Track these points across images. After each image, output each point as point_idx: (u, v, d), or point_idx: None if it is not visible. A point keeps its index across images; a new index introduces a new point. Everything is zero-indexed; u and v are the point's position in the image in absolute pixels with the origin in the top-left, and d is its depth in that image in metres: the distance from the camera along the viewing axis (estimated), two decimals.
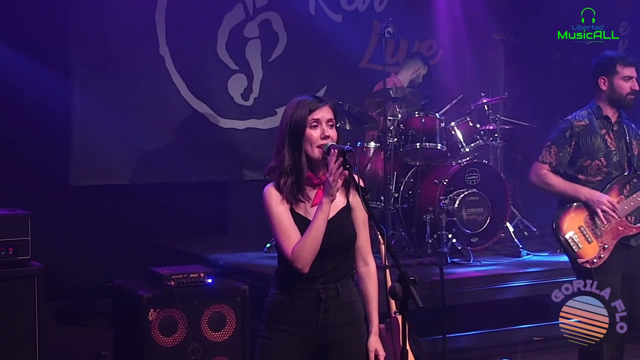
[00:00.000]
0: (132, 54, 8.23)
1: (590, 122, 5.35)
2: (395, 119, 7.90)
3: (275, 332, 3.73)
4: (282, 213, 3.69)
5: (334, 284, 3.74)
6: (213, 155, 8.70)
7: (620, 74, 5.34)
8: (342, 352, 3.77)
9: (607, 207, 5.21)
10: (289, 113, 3.72)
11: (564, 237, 5.28)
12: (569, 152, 5.33)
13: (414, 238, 7.81)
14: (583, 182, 5.32)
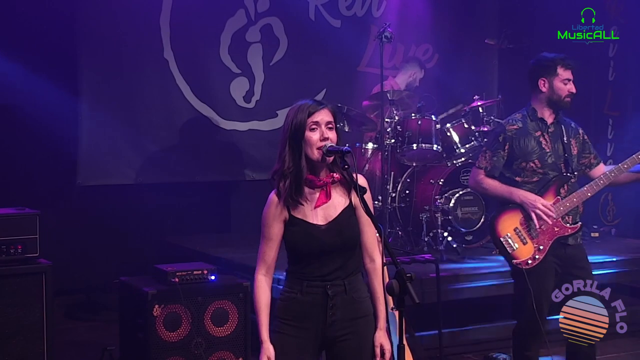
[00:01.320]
0: (138, 57, 8.24)
1: (524, 125, 5.27)
2: (392, 121, 7.90)
3: (286, 327, 3.75)
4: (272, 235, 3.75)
5: (342, 280, 3.75)
6: (216, 156, 8.71)
7: (561, 76, 5.26)
8: (349, 346, 3.77)
9: (541, 210, 5.13)
10: (290, 117, 3.72)
11: (499, 238, 5.23)
12: (502, 156, 5.27)
13: (411, 236, 7.81)
14: (520, 183, 5.25)
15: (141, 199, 8.08)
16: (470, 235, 7.70)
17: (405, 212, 7.88)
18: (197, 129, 8.61)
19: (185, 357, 5.60)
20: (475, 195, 7.67)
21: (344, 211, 3.76)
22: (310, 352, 3.77)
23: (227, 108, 8.72)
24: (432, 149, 7.85)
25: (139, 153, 8.34)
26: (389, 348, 3.81)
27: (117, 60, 8.13)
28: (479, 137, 8.13)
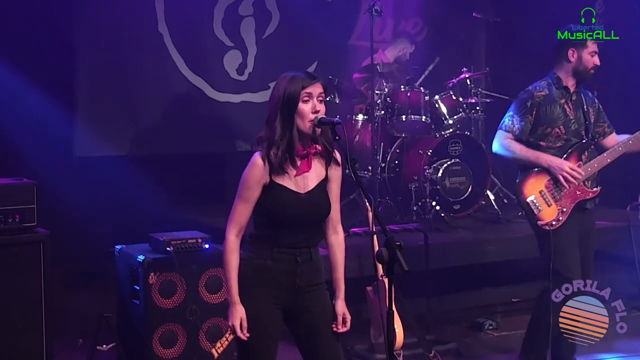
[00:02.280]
0: (133, 31, 8.22)
1: (550, 92, 5.34)
2: (382, 93, 7.89)
3: (256, 293, 3.74)
4: (250, 198, 3.71)
5: (308, 249, 3.77)
6: (209, 127, 8.70)
7: (589, 48, 5.32)
8: (308, 314, 3.78)
9: (568, 172, 5.21)
10: (282, 87, 3.70)
11: (525, 200, 5.27)
12: (530, 120, 5.30)
13: (400, 205, 7.83)
14: (544, 148, 5.31)
15: (137, 170, 8.04)
16: (458, 205, 7.72)
17: (395, 182, 7.89)
18: (191, 101, 8.61)
19: (180, 323, 5.63)
20: (463, 165, 7.68)
21: (321, 183, 3.78)
22: (278, 317, 3.78)
23: (221, 80, 8.70)
24: (421, 121, 7.86)
25: (134, 125, 8.34)
26: (349, 316, 3.86)
27: (113, 34, 8.10)
28: (467, 108, 8.15)
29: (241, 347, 3.78)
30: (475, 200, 7.85)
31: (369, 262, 5.16)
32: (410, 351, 5.87)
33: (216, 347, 5.70)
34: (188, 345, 5.66)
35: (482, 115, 8.46)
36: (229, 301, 3.74)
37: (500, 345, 6.43)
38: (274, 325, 3.78)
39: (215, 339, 5.71)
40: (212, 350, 5.68)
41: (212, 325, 5.71)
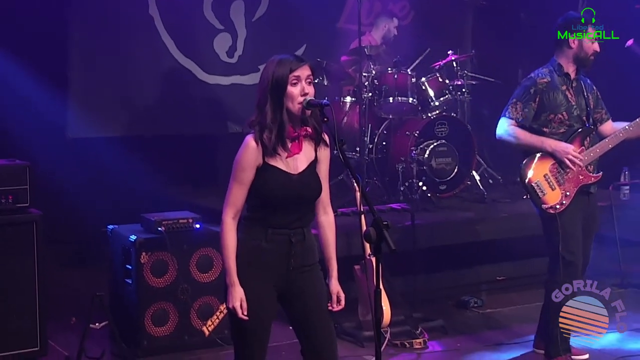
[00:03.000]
0: (124, 14, 8.16)
1: (552, 79, 5.31)
2: (369, 75, 7.87)
3: (251, 274, 3.72)
4: (245, 180, 3.69)
5: (302, 229, 3.76)
6: (200, 109, 8.68)
7: (590, 35, 5.29)
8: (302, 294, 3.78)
9: (573, 156, 5.21)
10: (271, 70, 3.68)
11: (530, 184, 5.27)
12: (533, 107, 5.28)
13: (387, 186, 7.83)
14: (548, 134, 5.29)
15: (129, 151, 8.02)
16: (444, 185, 7.72)
17: (382, 162, 7.89)
18: (182, 83, 8.57)
19: (171, 302, 5.64)
20: (449, 146, 7.69)
21: (311, 164, 3.77)
22: (272, 298, 3.77)
23: (211, 63, 8.67)
24: (408, 102, 7.85)
25: (126, 107, 8.30)
26: (343, 295, 3.86)
27: (104, 16, 8.04)
28: (453, 90, 8.14)
29: (235, 327, 3.77)
30: (461, 181, 7.86)
31: (357, 241, 5.16)
32: (397, 328, 5.90)
33: (207, 325, 5.74)
34: (179, 324, 5.67)
35: (468, 97, 8.46)
36: (228, 282, 3.71)
37: (485, 323, 6.46)
38: (268, 306, 3.77)
39: (206, 317, 5.74)
40: (203, 328, 5.73)
41: (203, 304, 5.72)
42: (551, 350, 5.32)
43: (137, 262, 5.53)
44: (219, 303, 5.74)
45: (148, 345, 5.59)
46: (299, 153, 3.74)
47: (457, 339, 6.04)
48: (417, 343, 5.83)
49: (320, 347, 3.79)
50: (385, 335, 5.66)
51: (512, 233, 7.27)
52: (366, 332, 5.77)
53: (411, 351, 5.76)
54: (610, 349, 5.78)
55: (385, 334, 5.68)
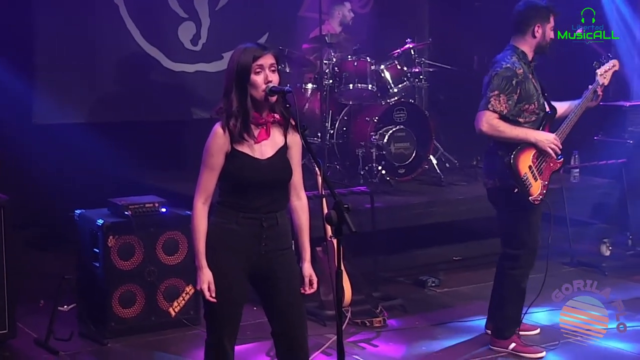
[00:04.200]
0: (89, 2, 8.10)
1: (523, 69, 5.12)
2: (330, 63, 7.87)
3: (222, 256, 3.72)
4: (215, 165, 3.69)
5: (274, 213, 3.75)
6: (166, 95, 8.62)
7: (551, 24, 5.20)
8: (274, 277, 3.78)
9: (555, 144, 5.11)
10: (236, 59, 3.67)
11: (521, 177, 5.06)
12: (514, 100, 5.06)
13: (348, 170, 7.84)
14: (523, 124, 5.12)
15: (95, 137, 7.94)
16: (402, 169, 7.75)
17: (343, 147, 7.89)
18: (147, 70, 8.52)
19: (138, 284, 5.62)
20: (408, 131, 7.71)
21: (280, 149, 3.76)
22: (244, 280, 3.77)
23: (176, 51, 8.61)
24: (367, 89, 7.86)
25: (92, 93, 8.23)
26: (316, 278, 3.87)
27: (70, 4, 7.97)
28: (411, 77, 8.16)
29: (208, 309, 3.77)
30: (419, 165, 7.89)
31: (319, 224, 5.13)
32: (358, 307, 5.92)
33: (173, 306, 5.73)
34: (146, 305, 5.65)
35: (425, 83, 8.49)
36: (197, 266, 3.71)
37: (442, 301, 6.50)
38: (239, 288, 3.77)
39: (172, 298, 5.72)
40: (169, 309, 5.71)
41: (169, 286, 5.71)
42: (505, 332, 5.34)
43: (105, 246, 5.50)
44: (185, 285, 5.73)
45: (116, 326, 5.56)
46: (267, 139, 3.73)
47: (416, 317, 6.08)
48: (377, 321, 5.85)
49: (290, 329, 3.80)
50: (346, 314, 5.68)
51: (467, 215, 7.33)
52: (328, 311, 5.79)
53: (371, 329, 5.79)
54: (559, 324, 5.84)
55: (347, 313, 5.70)
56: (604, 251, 7.57)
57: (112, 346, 5.47)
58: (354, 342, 5.56)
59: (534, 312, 5.80)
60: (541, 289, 5.26)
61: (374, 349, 5.50)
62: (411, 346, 5.56)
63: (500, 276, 5.41)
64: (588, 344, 5.49)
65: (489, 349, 5.39)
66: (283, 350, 3.83)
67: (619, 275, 7.03)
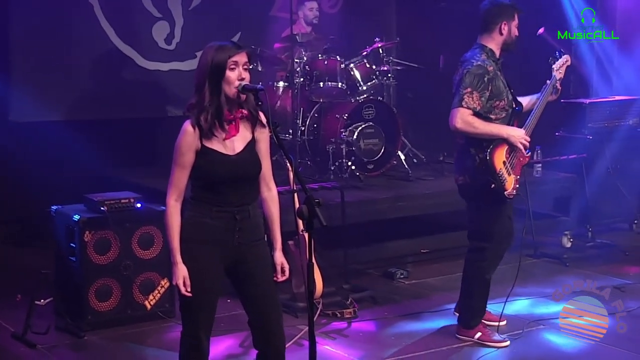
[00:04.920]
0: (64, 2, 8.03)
1: (493, 67, 5.13)
2: (301, 61, 7.87)
3: (198, 250, 3.72)
4: (185, 163, 3.68)
5: (246, 206, 3.75)
6: (140, 93, 8.58)
7: (516, 21, 5.22)
8: (248, 267, 3.79)
9: (525, 139, 5.13)
10: (210, 56, 3.66)
11: (497, 172, 5.06)
12: (486, 96, 5.06)
13: (319, 166, 7.85)
14: (494, 120, 5.12)
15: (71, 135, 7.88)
16: (371, 165, 7.77)
17: (314, 144, 7.90)
18: (122, 69, 8.46)
19: (115, 278, 5.59)
20: (376, 128, 7.73)
21: (249, 144, 3.76)
22: (220, 272, 3.78)
23: (150, 50, 8.57)
24: (337, 87, 7.87)
25: (68, 91, 8.16)
26: (288, 266, 3.89)
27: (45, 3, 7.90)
28: (380, 75, 8.18)
29: (183, 301, 3.76)
30: (388, 160, 7.91)
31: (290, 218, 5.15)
32: (329, 299, 5.93)
33: (149, 300, 5.71)
34: (122, 298, 5.63)
35: (393, 81, 8.51)
36: (172, 261, 3.71)
37: (411, 292, 6.52)
38: (214, 280, 3.77)
39: (148, 292, 5.70)
40: (145, 302, 5.69)
41: (145, 279, 5.69)
42: (471, 321, 5.37)
43: (81, 241, 5.46)
44: (160, 278, 5.71)
45: (93, 319, 5.53)
46: (236, 135, 3.73)
47: (385, 308, 6.10)
48: (348, 313, 5.86)
49: (265, 317, 3.81)
50: (317, 306, 5.69)
51: (434, 209, 7.36)
52: (300, 303, 5.79)
53: (342, 320, 5.80)
54: (523, 314, 5.91)
55: (318, 304, 5.71)
56: (566, 243, 7.64)
57: (88, 339, 5.44)
58: (325, 333, 5.57)
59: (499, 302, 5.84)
60: (515, 282, 5.36)
61: (344, 339, 5.52)
62: (381, 336, 5.58)
63: (467, 268, 5.45)
64: (550, 331, 5.55)
65: (455, 338, 5.42)
66: (259, 338, 3.85)
67: (579, 266, 7.11)
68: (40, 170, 7.59)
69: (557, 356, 5.25)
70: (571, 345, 5.37)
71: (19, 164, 7.54)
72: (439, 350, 5.32)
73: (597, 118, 8.07)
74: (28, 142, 7.68)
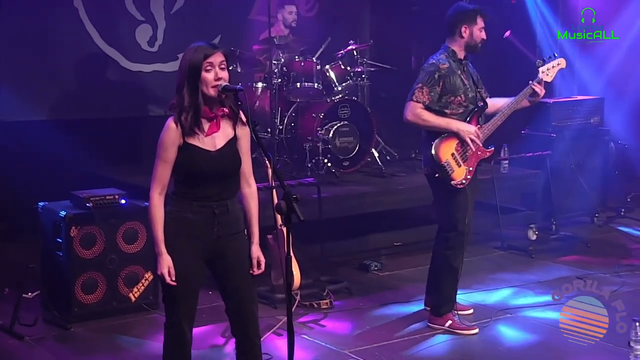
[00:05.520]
0: (49, 6, 7.95)
1: (450, 65, 5.25)
2: (279, 63, 7.85)
3: (179, 242, 3.71)
4: (168, 158, 3.67)
5: (225, 201, 3.75)
6: (124, 94, 8.51)
7: (479, 25, 5.30)
8: (226, 259, 3.79)
9: (474, 136, 5.21)
10: (187, 58, 3.66)
11: (441, 163, 5.17)
12: (437, 91, 5.18)
13: (296, 163, 7.84)
14: (449, 115, 5.23)
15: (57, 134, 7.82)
16: (347, 162, 7.77)
17: (291, 142, 7.89)
18: (107, 70, 8.40)
19: (100, 271, 5.57)
20: (351, 127, 7.73)
21: (230, 141, 3.75)
22: (200, 264, 3.78)
23: (133, 52, 8.51)
24: (314, 87, 7.86)
25: (53, 91, 8.09)
26: (264, 260, 3.88)
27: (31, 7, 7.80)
28: (354, 76, 8.19)
29: (166, 292, 3.76)
30: (362, 157, 7.92)
31: (269, 213, 5.15)
32: (307, 291, 5.93)
33: (133, 292, 5.68)
34: (108, 291, 5.60)
35: (367, 82, 8.52)
36: (157, 252, 3.70)
37: (385, 283, 6.54)
38: (195, 271, 3.77)
39: (132, 284, 5.68)
40: (129, 295, 5.66)
41: (129, 273, 5.66)
42: (441, 309, 5.41)
43: (67, 236, 5.43)
44: (144, 271, 5.68)
45: (79, 311, 5.50)
46: (217, 132, 3.72)
47: (360, 299, 6.11)
48: (325, 303, 5.87)
49: (242, 306, 3.81)
50: (295, 297, 5.69)
51: (407, 203, 7.38)
52: (278, 294, 5.79)
53: (319, 311, 5.80)
54: (491, 304, 5.94)
55: (296, 296, 5.70)
56: (531, 236, 7.69)
57: (75, 330, 5.41)
58: (303, 323, 5.57)
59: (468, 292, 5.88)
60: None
61: (321, 328, 5.52)
62: (356, 325, 5.59)
63: (434, 257, 5.51)
64: (517, 320, 5.59)
65: (427, 326, 5.44)
66: (235, 326, 3.85)
67: (544, 258, 7.16)
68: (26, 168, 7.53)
69: (523, 344, 5.29)
70: (535, 333, 5.43)
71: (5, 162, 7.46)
72: (411, 338, 5.34)
73: (561, 117, 8.14)
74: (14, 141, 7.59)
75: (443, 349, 5.17)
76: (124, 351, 5.12)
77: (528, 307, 5.86)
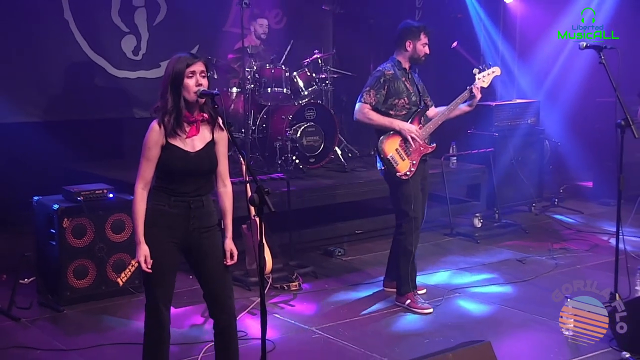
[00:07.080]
0: (42, 18, 7.84)
1: (395, 72, 5.35)
2: (251, 70, 7.81)
3: (157, 233, 3.69)
4: (151, 157, 3.64)
5: (201, 197, 3.73)
6: (111, 98, 8.42)
7: (422, 41, 5.37)
8: (202, 249, 3.76)
9: (415, 134, 5.28)
10: (171, 66, 3.64)
11: (386, 157, 5.27)
12: (382, 94, 5.30)
13: (267, 160, 7.81)
14: (393, 116, 5.33)
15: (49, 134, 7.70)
16: (313, 158, 7.76)
17: (263, 141, 7.85)
18: (94, 76, 8.30)
19: (90, 259, 5.51)
20: (317, 127, 7.72)
21: (208, 144, 3.73)
22: (176, 253, 3.75)
23: (119, 60, 8.41)
24: (283, 92, 7.84)
25: (45, 96, 7.96)
26: (237, 252, 3.85)
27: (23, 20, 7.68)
28: (319, 82, 8.17)
29: (145, 277, 3.73)
30: (327, 155, 7.91)
31: (243, 205, 5.13)
32: (277, 274, 5.91)
33: (121, 277, 5.62)
34: (97, 276, 5.54)
35: (331, 87, 8.52)
36: (136, 241, 3.67)
37: (347, 267, 6.54)
38: (171, 259, 3.74)
39: (119, 270, 5.62)
40: (117, 280, 5.60)
41: (117, 260, 5.60)
42: (401, 288, 5.44)
43: (60, 227, 5.36)
44: (130, 258, 5.62)
45: (71, 295, 5.44)
46: (197, 134, 3.69)
47: (325, 281, 6.11)
48: (294, 286, 5.86)
49: (218, 292, 3.79)
50: (267, 280, 5.67)
51: (367, 195, 7.39)
52: (252, 278, 5.77)
53: (289, 292, 5.79)
54: (442, 284, 5.98)
55: (268, 279, 5.69)
56: (477, 224, 7.74)
57: (67, 312, 5.34)
58: (274, 304, 5.55)
59: (422, 275, 5.89)
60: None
61: (291, 308, 5.51)
62: (322, 305, 5.58)
63: (394, 242, 5.56)
64: (465, 299, 5.63)
65: (393, 304, 5.47)
66: (212, 309, 3.83)
67: (488, 243, 7.22)
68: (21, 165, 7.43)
69: (471, 318, 5.33)
70: (481, 308, 5.48)
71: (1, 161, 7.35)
72: (371, 315, 5.36)
73: (502, 118, 8.20)
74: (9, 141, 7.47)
75: (400, 326, 5.19)
76: (112, 330, 5.07)
77: (475, 286, 5.92)
